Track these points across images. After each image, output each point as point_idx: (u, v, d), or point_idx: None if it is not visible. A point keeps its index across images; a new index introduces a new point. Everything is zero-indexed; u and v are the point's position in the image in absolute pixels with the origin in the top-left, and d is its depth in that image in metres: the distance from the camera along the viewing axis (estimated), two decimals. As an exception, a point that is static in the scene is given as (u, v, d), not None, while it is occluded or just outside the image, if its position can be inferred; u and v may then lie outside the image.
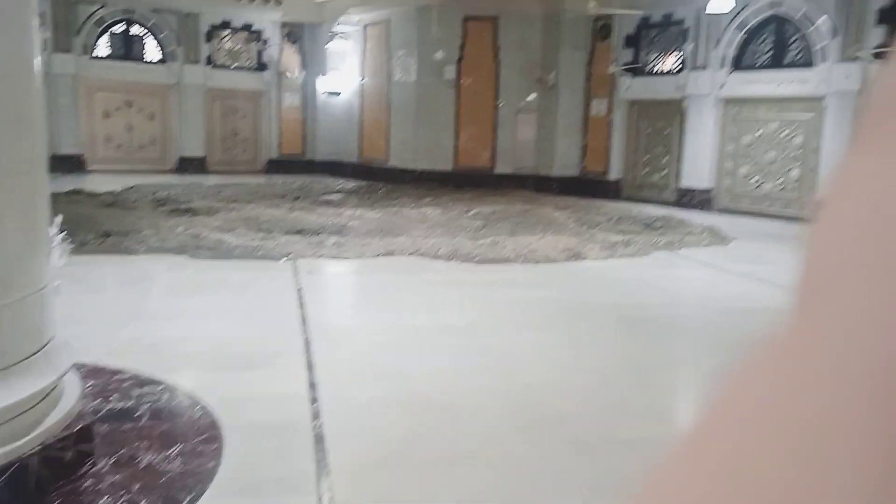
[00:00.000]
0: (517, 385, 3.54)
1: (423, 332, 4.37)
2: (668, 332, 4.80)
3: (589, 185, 14.16)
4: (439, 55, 13.83)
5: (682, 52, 12.67)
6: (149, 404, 3.12)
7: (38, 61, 2.57)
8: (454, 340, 4.23)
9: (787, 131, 11.47)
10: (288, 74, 17.45)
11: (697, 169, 12.46)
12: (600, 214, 10.46)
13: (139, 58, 16.25)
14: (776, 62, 11.51)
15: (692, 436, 0.15)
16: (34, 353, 2.47)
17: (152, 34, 16.09)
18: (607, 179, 14.02)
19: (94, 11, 15.29)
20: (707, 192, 12.40)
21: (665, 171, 13.22)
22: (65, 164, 14.82)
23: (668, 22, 12.86)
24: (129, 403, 3.12)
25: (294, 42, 17.59)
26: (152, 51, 16.32)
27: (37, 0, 2.64)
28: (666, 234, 8.84)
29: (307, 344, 4.03)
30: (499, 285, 5.89)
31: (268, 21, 16.48)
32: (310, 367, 3.66)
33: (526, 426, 3.05)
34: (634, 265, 7.07)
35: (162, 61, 16.27)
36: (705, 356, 4.35)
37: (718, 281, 6.59)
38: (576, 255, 7.14)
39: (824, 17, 10.60)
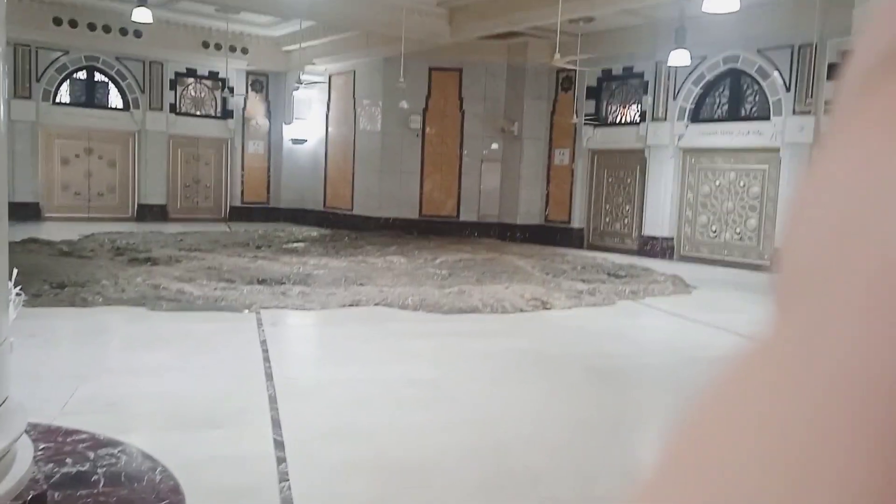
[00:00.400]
0: (488, 442, 3.48)
1: (391, 386, 4.30)
2: (636, 382, 4.80)
3: (552, 234, 14.31)
4: (404, 105, 14.00)
5: (641, 104, 13.01)
6: (106, 468, 2.98)
7: (2, 110, 2.50)
8: (423, 394, 4.16)
9: (744, 181, 11.79)
10: (253, 122, 17.44)
11: (658, 217, 12.70)
12: (565, 263, 10.54)
13: (101, 104, 16.10)
14: (733, 114, 11.90)
15: (674, 444, 0.15)
16: (-16, 418, 2.34)
17: (115, 81, 15.99)
18: (570, 228, 14.19)
19: (57, 58, 15.17)
20: (668, 240, 12.62)
21: (627, 220, 13.44)
22: (20, 211, 14.45)
23: (628, 74, 13.24)
24: (85, 467, 2.98)
25: (259, 90, 17.66)
26: (115, 97, 16.20)
27: (3, 45, 2.58)
28: (630, 283, 8.93)
29: (272, 400, 3.92)
30: (467, 336, 5.84)
31: (233, 69, 16.52)
32: (275, 425, 3.55)
33: (499, 487, 2.99)
34: (600, 314, 7.11)
35: (124, 108, 16.15)
36: (675, 406, 4.35)
37: (684, 329, 6.64)
38: (542, 305, 7.15)
39: (776, 72, 11.03)
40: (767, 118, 11.25)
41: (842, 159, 0.15)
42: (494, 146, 14.91)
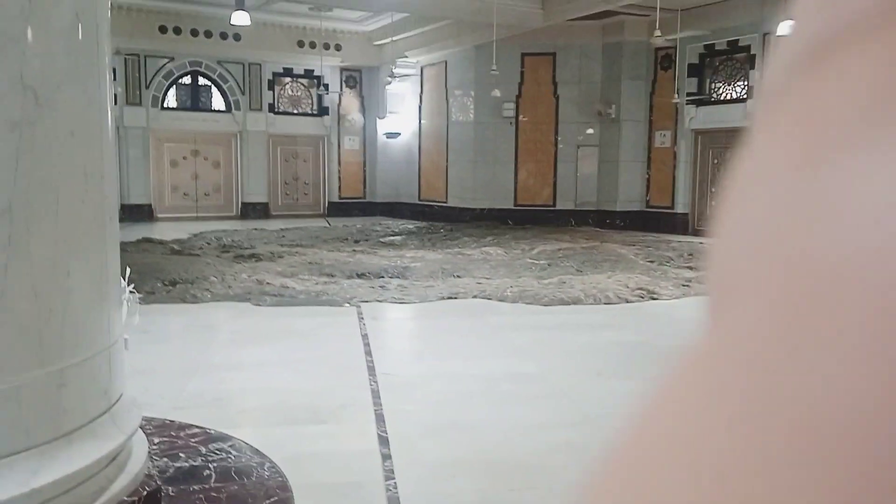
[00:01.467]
0: (596, 441, 3.33)
1: (493, 381, 4.21)
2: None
3: (655, 220, 13.84)
4: (497, 93, 13.84)
5: (748, 80, 12.34)
6: (217, 462, 3.04)
7: (110, 116, 2.59)
8: (526, 390, 4.06)
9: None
10: (348, 118, 17.77)
11: (770, 199, 12.03)
12: (670, 249, 10.16)
13: (206, 108, 16.82)
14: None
15: (609, 457, 0.15)
16: (101, 415, 2.41)
17: (217, 85, 16.66)
18: (674, 213, 13.67)
19: (164, 65, 15.95)
20: (782, 223, 11.94)
21: (735, 203, 12.81)
22: (134, 213, 15.35)
23: (733, 49, 12.58)
24: (198, 462, 3.05)
25: (353, 86, 17.95)
26: (218, 100, 16.88)
27: (109, 56, 2.67)
28: (742, 270, 8.48)
29: (375, 395, 3.92)
30: (569, 328, 5.69)
31: (327, 67, 16.86)
32: (379, 420, 3.53)
33: (612, 487, 2.84)
34: (711, 303, 6.76)
35: (227, 110, 16.80)
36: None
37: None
38: (649, 294, 6.89)
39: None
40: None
41: (759, 162, 0.15)
42: (590, 131, 14.55)
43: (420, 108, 16.94)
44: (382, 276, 7.88)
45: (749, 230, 0.14)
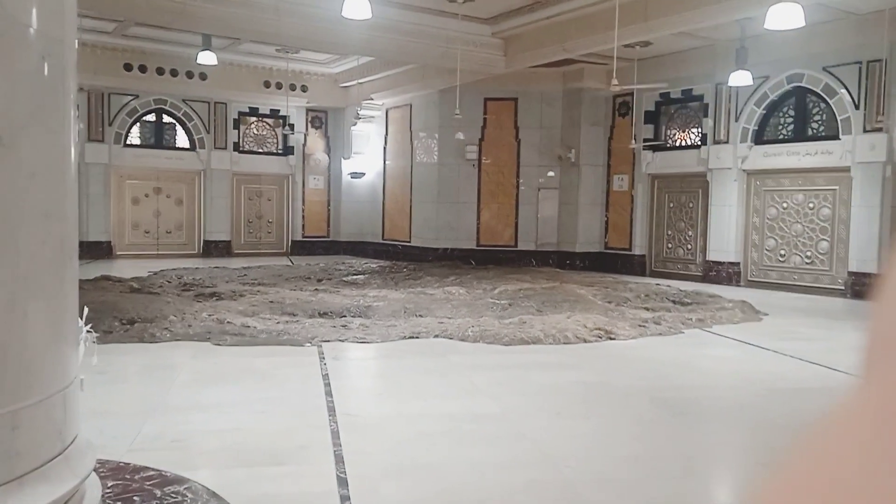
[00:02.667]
0: (555, 479, 3.35)
1: (454, 421, 4.21)
2: (709, 415, 4.58)
3: (613, 261, 14.06)
4: (460, 136, 14.05)
5: (702, 127, 12.74)
6: (171, 506, 2.97)
7: (73, 156, 2.58)
8: (486, 429, 4.06)
9: (813, 203, 11.36)
10: (314, 157, 17.80)
11: (723, 242, 12.33)
12: (627, 290, 10.29)
13: (170, 145, 16.71)
14: (799, 134, 11.52)
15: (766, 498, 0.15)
16: (55, 457, 2.36)
17: (182, 123, 16.59)
18: (631, 254, 13.91)
19: (128, 102, 15.84)
20: (734, 265, 12.22)
21: (690, 245, 13.10)
22: (93, 250, 15.07)
23: (687, 97, 13.00)
24: (151, 505, 2.98)
25: (319, 126, 18.04)
26: (182, 138, 16.80)
27: (74, 96, 2.67)
28: (697, 311, 8.65)
29: (335, 435, 3.88)
30: (529, 368, 5.72)
31: (293, 107, 16.95)
32: (338, 461, 3.50)
33: (569, 527, 2.85)
34: (667, 344, 6.88)
35: (191, 148, 16.71)
36: (750, 440, 4.13)
37: (756, 359, 6.36)
38: (606, 335, 6.97)
39: (843, 90, 10.64)
40: (836, 137, 10.84)
41: None
42: (551, 174, 14.81)
43: (385, 149, 17.08)
44: (344, 316, 7.84)
45: None
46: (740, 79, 11.05)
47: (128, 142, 16.14)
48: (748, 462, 3.86)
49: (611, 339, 6.91)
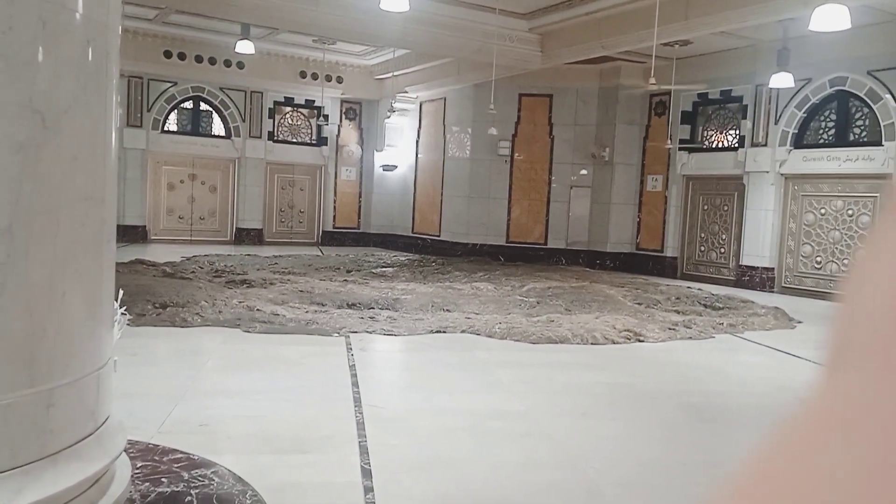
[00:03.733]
0: (580, 481, 3.33)
1: (479, 418, 4.20)
2: (736, 422, 4.51)
3: (644, 262, 13.92)
4: (493, 131, 13.99)
5: (740, 129, 12.53)
6: (199, 489, 3.01)
7: (114, 141, 2.62)
8: (511, 427, 4.05)
9: (852, 209, 11.11)
10: (346, 149, 17.89)
11: (758, 247, 12.12)
12: (658, 292, 10.19)
13: (206, 132, 16.91)
14: (840, 139, 11.26)
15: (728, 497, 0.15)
16: (87, 436, 2.40)
17: (218, 110, 16.78)
18: (663, 256, 13.76)
19: (166, 89, 16.07)
20: (768, 270, 12.01)
21: (724, 249, 12.91)
22: (129, 234, 15.34)
23: (726, 98, 12.79)
24: (179, 487, 3.02)
25: (353, 118, 18.11)
26: (218, 126, 16.99)
27: (117, 81, 2.71)
28: (728, 315, 8.54)
29: (360, 426, 3.90)
30: (556, 367, 5.69)
31: (328, 98, 17.03)
32: (363, 452, 3.52)
33: (592, 529, 2.83)
34: (697, 348, 6.80)
35: (226, 136, 16.89)
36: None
37: (787, 367, 6.25)
38: (635, 336, 6.91)
39: (888, 95, 10.38)
40: (879, 143, 10.58)
41: (893, 235, 0.16)
42: (584, 172, 14.70)
43: (417, 142, 17.10)
44: (373, 308, 7.88)
45: (883, 295, 0.14)
46: (781, 81, 10.84)
47: (165, 128, 16.38)
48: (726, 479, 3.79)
49: (639, 341, 6.85)
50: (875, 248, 0.16)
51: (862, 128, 11.03)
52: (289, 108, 17.60)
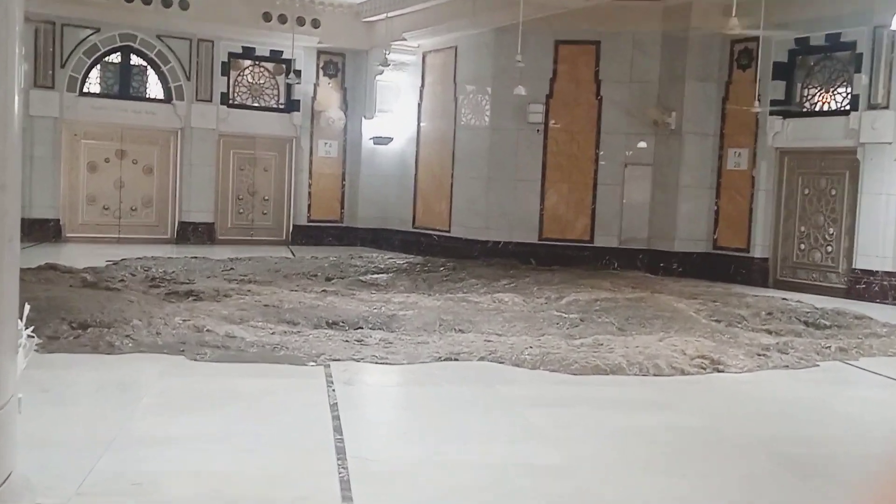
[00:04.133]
0: (639, 557, 3.33)
1: (503, 474, 4.21)
2: (848, 479, 4.50)
3: (723, 265, 13.90)
4: (521, 91, 14.00)
5: (852, 86, 12.49)
6: (130, 569, 3.04)
7: (17, 104, 2.63)
8: (546, 487, 4.06)
9: None
10: (325, 116, 17.94)
11: (877, 245, 12.07)
12: (742, 306, 10.19)
13: (138, 95, 17.01)
14: None
15: None
16: (-17, 499, 2.43)
17: (155, 66, 16.86)
18: (750, 257, 13.74)
19: (86, 38, 16.15)
20: (891, 276, 11.97)
21: (831, 247, 12.87)
22: (36, 230, 15.45)
23: (833, 45, 12.75)
24: (104, 567, 3.04)
25: (333, 75, 18.17)
26: (154, 86, 17.08)
27: (21, 24, 2.71)
28: (837, 337, 8.53)
29: (344, 485, 3.92)
30: (606, 406, 5.70)
31: (301, 48, 17.08)
32: (348, 520, 3.54)
33: None
34: (796, 380, 6.79)
35: (166, 100, 16.98)
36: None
37: (919, 405, 6.24)
38: (713, 365, 6.90)
39: None
40: None
41: None
42: (643, 145, 14.68)
43: (420, 106, 17.13)
44: (361, 328, 7.89)
45: None
46: (908, 21, 10.78)
47: (85, 89, 16.49)
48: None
49: (718, 370, 6.84)
50: None
51: None
52: (248, 63, 17.67)
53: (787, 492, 4.25)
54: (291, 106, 17.93)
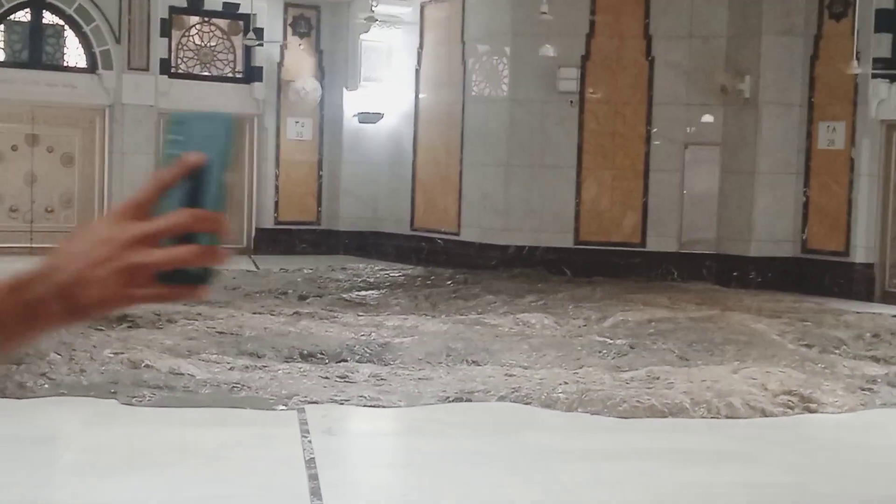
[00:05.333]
0: None
1: (532, 547, 4.22)
2: None
3: (815, 273, 13.88)
4: (549, 51, 14.03)
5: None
6: None
7: None
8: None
9: None
10: (296, 87, 17.97)
11: None
12: (841, 327, 10.18)
13: (53, 63, 17.02)
14: None
15: None
16: None
17: (75, 25, 16.89)
18: (849, 262, 13.71)
19: (-15, -9, 16.21)
20: None
21: (955, 249, 12.88)
22: (-74, 238, 15.47)
23: (952, -12, 12.76)
24: None
25: (305, 34, 18.19)
26: (74, 52, 17.11)
27: None
28: (966, 365, 8.52)
29: (325, 566, 3.93)
30: (665, 458, 5.70)
31: (263, 0, 17.11)
32: None
33: None
34: (911, 422, 6.79)
35: (89, 69, 17.00)
36: None
37: None
38: (803, 403, 6.89)
39: None
40: None
41: None
42: (708, 119, 14.68)
43: (418, 73, 17.13)
44: (345, 360, 7.90)
45: None
46: None
47: (-15, 57, 16.52)
48: None
49: (810, 410, 6.82)
50: None
51: None
52: (195, 20, 17.70)
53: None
54: (252, 75, 17.92)
